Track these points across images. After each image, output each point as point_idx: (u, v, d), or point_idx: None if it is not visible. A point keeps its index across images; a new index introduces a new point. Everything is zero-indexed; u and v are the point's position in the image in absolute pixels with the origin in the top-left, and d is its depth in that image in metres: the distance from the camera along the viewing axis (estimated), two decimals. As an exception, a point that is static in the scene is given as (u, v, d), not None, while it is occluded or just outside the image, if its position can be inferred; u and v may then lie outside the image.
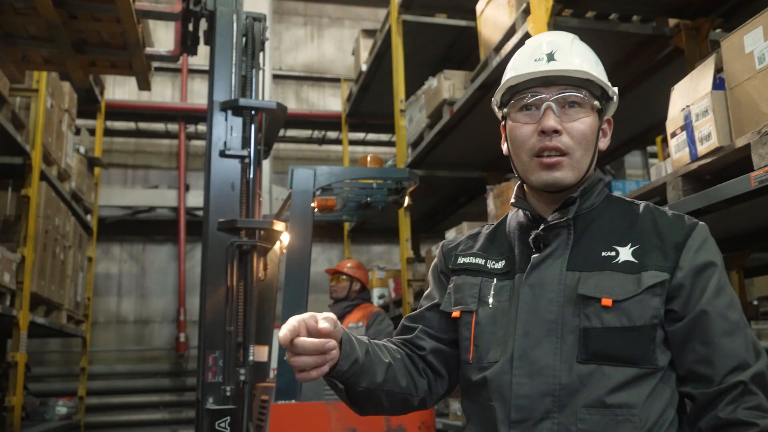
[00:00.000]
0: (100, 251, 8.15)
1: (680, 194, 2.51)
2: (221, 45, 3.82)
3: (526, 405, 1.24)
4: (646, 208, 1.38)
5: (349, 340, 1.29)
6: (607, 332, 1.23)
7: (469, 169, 6.05)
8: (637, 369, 1.22)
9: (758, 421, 1.17)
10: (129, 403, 7.88)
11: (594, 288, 1.26)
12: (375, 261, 8.86)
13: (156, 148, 8.93)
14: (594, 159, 1.36)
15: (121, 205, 8.30)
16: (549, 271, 1.31)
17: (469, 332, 1.37)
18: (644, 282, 1.24)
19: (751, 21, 2.27)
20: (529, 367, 1.25)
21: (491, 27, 4.28)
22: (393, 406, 1.42)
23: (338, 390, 1.33)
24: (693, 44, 3.68)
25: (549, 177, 1.31)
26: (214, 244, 3.53)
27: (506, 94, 1.40)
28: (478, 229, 1.56)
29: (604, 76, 1.37)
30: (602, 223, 1.35)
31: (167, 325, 8.41)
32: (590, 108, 1.34)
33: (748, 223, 2.99)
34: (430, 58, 6.84)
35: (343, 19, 9.97)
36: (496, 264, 1.40)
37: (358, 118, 8.66)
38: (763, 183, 2.09)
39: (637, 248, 1.29)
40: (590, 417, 1.21)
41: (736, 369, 1.21)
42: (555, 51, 1.35)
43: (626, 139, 5.78)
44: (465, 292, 1.40)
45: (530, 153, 1.33)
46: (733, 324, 1.24)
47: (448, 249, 1.53)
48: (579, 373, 1.22)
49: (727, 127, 2.37)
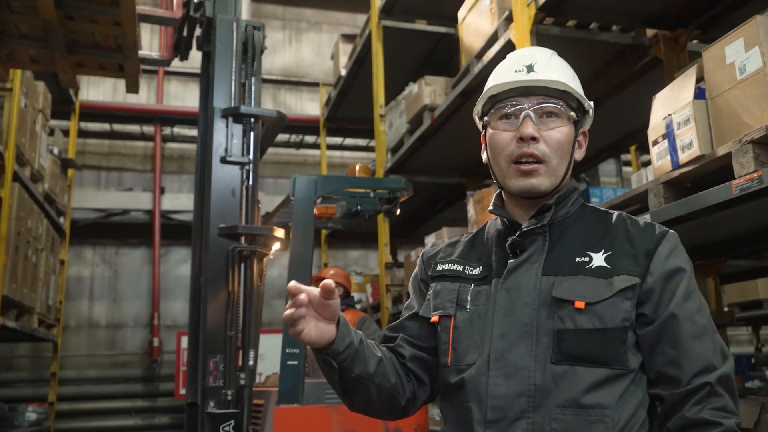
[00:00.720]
0: (72, 254, 8.00)
1: (662, 201, 2.55)
2: (221, 52, 3.85)
3: (501, 405, 1.28)
4: (619, 216, 1.43)
5: (345, 323, 1.35)
6: (579, 334, 1.27)
7: (449, 174, 6.08)
8: (608, 370, 1.26)
9: (723, 420, 1.22)
10: (100, 409, 7.74)
11: (568, 291, 1.30)
12: (351, 266, 8.84)
13: (131, 150, 8.81)
14: (569, 168, 1.41)
15: (94, 208, 8.16)
16: (525, 275, 1.35)
17: (448, 336, 1.40)
18: (616, 285, 1.29)
19: (732, 32, 2.32)
20: (505, 369, 1.29)
21: (473, 34, 4.31)
22: (381, 403, 1.45)
23: (332, 370, 1.35)
24: (671, 54, 3.75)
25: (526, 183, 1.36)
26: (215, 249, 3.54)
27: (487, 103, 1.46)
28: (458, 237, 1.60)
29: (580, 90, 1.43)
30: (577, 230, 1.40)
31: (140, 330, 8.28)
32: (567, 118, 1.40)
33: (726, 231, 3.05)
34: (408, 64, 6.88)
35: (321, 24, 9.96)
36: (474, 270, 1.45)
37: (336, 123, 8.66)
38: (745, 191, 2.13)
39: (609, 254, 1.34)
40: (564, 417, 1.24)
41: (703, 371, 1.25)
42: (534, 63, 1.41)
43: (602, 147, 5.86)
44: (444, 297, 1.44)
45: (508, 159, 1.38)
46: (701, 328, 1.29)
47: (428, 257, 1.58)
48: (553, 373, 1.26)
49: (708, 135, 2.42)
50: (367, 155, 9.44)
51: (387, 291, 5.72)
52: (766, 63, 2.16)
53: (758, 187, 2.08)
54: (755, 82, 2.20)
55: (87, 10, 3.47)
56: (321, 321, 1.30)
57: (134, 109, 8.39)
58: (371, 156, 8.99)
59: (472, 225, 4.60)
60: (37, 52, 3.90)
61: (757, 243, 3.24)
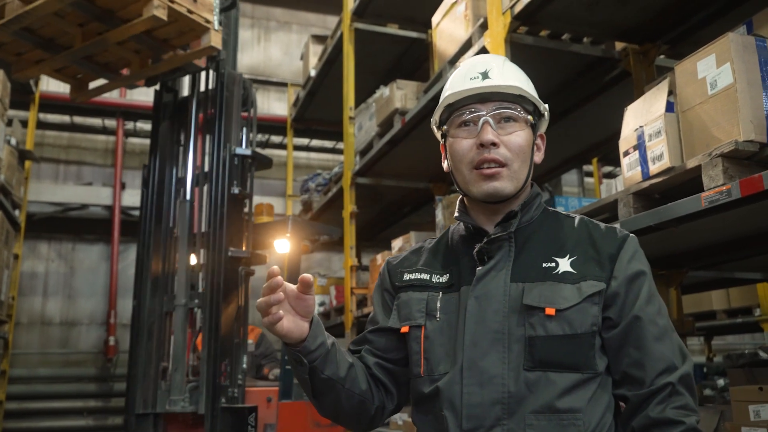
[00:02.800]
0: (27, 249, 7.76)
1: (631, 211, 2.59)
2: (229, 101, 4.39)
3: (476, 413, 1.28)
4: (581, 221, 1.46)
5: (318, 323, 1.36)
6: (551, 340, 1.29)
7: (416, 179, 6.09)
8: (579, 374, 1.29)
9: (685, 419, 1.27)
10: (51, 409, 7.51)
11: (538, 298, 1.32)
12: (315, 268, 8.78)
13: (91, 143, 8.60)
14: (530, 171, 1.44)
15: (51, 201, 7.94)
16: (493, 282, 1.36)
17: (419, 346, 1.40)
18: (584, 291, 1.32)
19: (704, 48, 2.37)
20: (479, 377, 1.30)
21: (447, 39, 4.33)
22: (351, 409, 1.44)
23: (303, 369, 1.35)
24: (640, 68, 3.83)
25: (489, 187, 1.38)
26: (228, 270, 4.10)
27: (444, 112, 1.48)
28: (421, 244, 1.61)
29: (535, 94, 1.46)
30: (541, 235, 1.42)
31: (95, 328, 8.08)
32: (524, 122, 1.42)
33: (690, 242, 3.12)
34: (378, 67, 6.87)
35: (291, 24, 9.90)
36: (441, 278, 1.45)
37: (303, 124, 8.60)
38: (714, 203, 2.18)
39: (575, 259, 1.37)
40: (538, 422, 1.26)
41: (665, 371, 1.30)
42: (489, 70, 1.44)
43: (567, 157, 5.93)
44: (412, 307, 1.44)
45: (470, 166, 1.40)
46: (662, 329, 1.33)
47: (393, 267, 1.57)
48: (526, 380, 1.28)
49: (678, 148, 2.47)
50: (333, 157, 9.41)
51: (351, 294, 5.69)
52: (736, 79, 2.22)
53: (726, 199, 2.13)
54: (726, 97, 2.25)
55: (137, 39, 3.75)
56: (295, 316, 1.31)
57: (96, 102, 8.17)
58: (339, 158, 8.97)
59: (440, 230, 4.61)
60: (41, 55, 3.94)
61: (718, 255, 3.33)
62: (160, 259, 4.19)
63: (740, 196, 2.08)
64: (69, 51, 3.80)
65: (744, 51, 2.25)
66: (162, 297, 4.13)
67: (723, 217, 2.40)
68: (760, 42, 2.29)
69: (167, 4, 3.46)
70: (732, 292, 6.64)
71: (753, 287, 6.15)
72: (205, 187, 4.30)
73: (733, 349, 8.93)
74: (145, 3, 3.42)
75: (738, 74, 2.22)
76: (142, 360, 4.04)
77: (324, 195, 6.91)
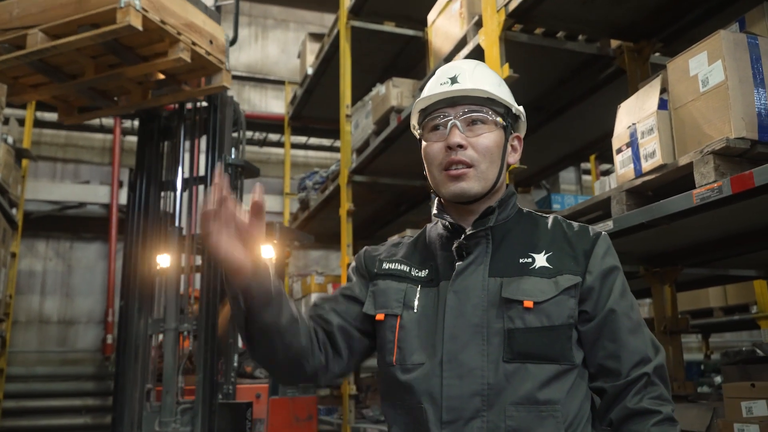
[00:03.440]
0: (24, 247, 7.76)
1: (624, 208, 2.60)
2: (221, 122, 4.66)
3: (456, 405, 1.30)
4: (555, 220, 1.51)
5: (266, 267, 1.29)
6: (529, 332, 1.32)
7: (413, 177, 6.09)
8: (557, 366, 1.32)
9: (661, 408, 1.32)
10: (49, 407, 7.50)
11: (516, 291, 1.35)
12: (312, 266, 8.79)
13: (88, 142, 8.60)
14: (501, 172, 1.47)
15: (48, 200, 7.94)
16: (472, 277, 1.38)
17: (393, 335, 1.41)
18: (561, 284, 1.36)
19: (696, 45, 2.38)
20: (459, 369, 1.32)
21: (442, 37, 4.34)
22: (286, 361, 1.40)
23: (239, 311, 1.30)
24: (634, 66, 3.83)
25: (456, 188, 1.41)
26: (214, 276, 4.26)
27: (420, 116, 1.51)
28: (399, 240, 1.63)
29: (507, 96, 1.49)
30: (517, 233, 1.46)
31: (93, 327, 8.08)
32: (494, 124, 1.45)
33: (683, 239, 3.12)
34: (375, 65, 6.87)
35: (288, 22, 9.89)
36: (420, 272, 1.47)
37: (301, 122, 8.60)
38: (705, 200, 2.19)
39: (550, 255, 1.40)
40: (517, 414, 1.28)
41: (640, 363, 1.35)
42: (458, 75, 1.47)
43: (564, 155, 5.94)
44: (390, 296, 1.45)
45: (440, 168, 1.44)
46: (636, 323, 1.38)
47: (370, 254, 1.59)
48: (505, 372, 1.30)
49: (670, 145, 2.48)
50: (331, 155, 9.41)
51: (348, 292, 5.69)
52: (728, 76, 2.23)
53: (718, 196, 2.14)
54: (717, 94, 2.26)
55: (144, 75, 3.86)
56: (238, 243, 1.23)
57: (93, 100, 8.19)
58: (336, 156, 8.96)
59: (435, 227, 4.61)
60: (40, 80, 3.94)
61: (712, 252, 3.33)
62: (146, 260, 4.38)
63: (731, 193, 2.09)
64: (78, 81, 3.83)
65: (735, 48, 2.26)
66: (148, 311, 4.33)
67: (715, 214, 2.41)
68: (751, 39, 2.29)
69: (191, 46, 3.59)
70: (729, 290, 6.64)
71: (750, 284, 6.15)
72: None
73: (730, 346, 8.95)
74: (171, 45, 3.54)
75: (729, 71, 2.23)
76: (129, 372, 4.17)
77: (321, 193, 6.91)
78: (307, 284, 7.00)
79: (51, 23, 3.38)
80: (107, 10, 3.25)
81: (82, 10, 3.32)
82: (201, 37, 3.74)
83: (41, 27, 3.39)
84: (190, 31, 3.64)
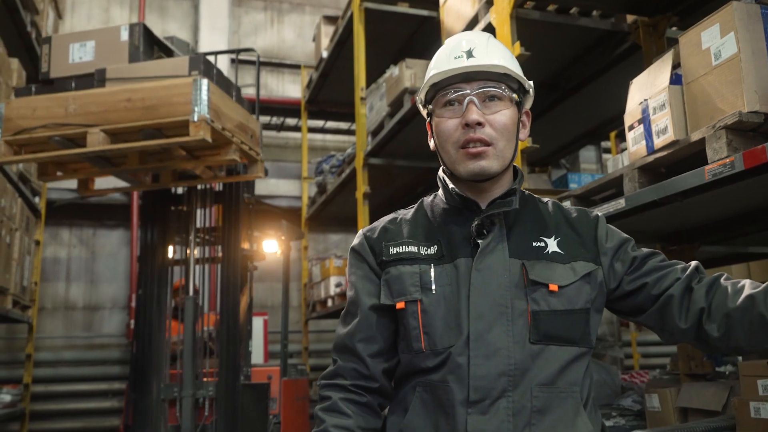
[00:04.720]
0: (48, 235, 7.90)
1: (636, 186, 2.56)
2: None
3: (483, 385, 1.30)
4: (554, 204, 1.52)
5: None
6: (553, 315, 1.35)
7: (428, 159, 6.06)
8: (577, 348, 1.36)
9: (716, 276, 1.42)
10: (76, 391, 7.67)
11: (541, 274, 1.37)
12: (332, 249, 8.82)
13: (108, 130, 8.68)
14: (515, 149, 1.46)
15: (70, 188, 8.04)
16: (494, 256, 1.38)
17: (417, 321, 1.39)
18: (578, 271, 1.39)
19: (708, 18, 2.32)
20: (485, 349, 1.32)
21: (454, 17, 4.29)
22: None
23: None
24: (650, 41, 3.76)
25: (476, 166, 1.39)
26: (240, 264, 4.54)
27: (430, 91, 1.48)
28: (394, 215, 1.57)
29: (519, 71, 1.46)
30: (526, 215, 1.46)
31: (118, 312, 8.22)
32: (509, 101, 1.43)
33: (700, 217, 3.08)
34: (390, 47, 6.83)
35: (303, 5, 9.85)
36: (429, 249, 1.44)
37: (317, 106, 8.59)
38: (717, 176, 2.15)
39: (560, 240, 1.43)
40: (542, 394, 1.30)
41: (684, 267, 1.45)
42: (473, 48, 1.43)
43: (581, 133, 5.87)
44: (405, 281, 1.41)
45: (456, 145, 1.41)
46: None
47: (373, 240, 1.51)
48: (531, 352, 1.32)
49: (683, 121, 2.43)
50: (348, 138, 9.40)
51: (366, 274, 5.71)
52: (740, 49, 2.17)
53: (730, 172, 2.10)
54: (730, 67, 2.21)
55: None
56: None
57: (112, 88, 8.25)
58: (352, 139, 8.96)
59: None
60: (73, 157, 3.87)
61: (729, 229, 3.28)
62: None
63: (743, 169, 2.05)
64: (120, 169, 3.95)
65: (749, 20, 2.20)
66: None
67: (730, 190, 2.36)
68: (765, 10, 2.23)
69: (240, 146, 3.73)
70: (752, 266, 6.53)
71: (773, 262, 6.04)
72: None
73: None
74: (224, 147, 3.66)
75: (742, 43, 2.18)
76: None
77: (338, 176, 6.92)
78: (326, 267, 7.03)
79: (114, 125, 3.37)
80: (178, 121, 3.31)
81: (150, 117, 3.33)
82: (245, 134, 3.89)
83: (102, 127, 3.37)
84: (239, 132, 3.78)
